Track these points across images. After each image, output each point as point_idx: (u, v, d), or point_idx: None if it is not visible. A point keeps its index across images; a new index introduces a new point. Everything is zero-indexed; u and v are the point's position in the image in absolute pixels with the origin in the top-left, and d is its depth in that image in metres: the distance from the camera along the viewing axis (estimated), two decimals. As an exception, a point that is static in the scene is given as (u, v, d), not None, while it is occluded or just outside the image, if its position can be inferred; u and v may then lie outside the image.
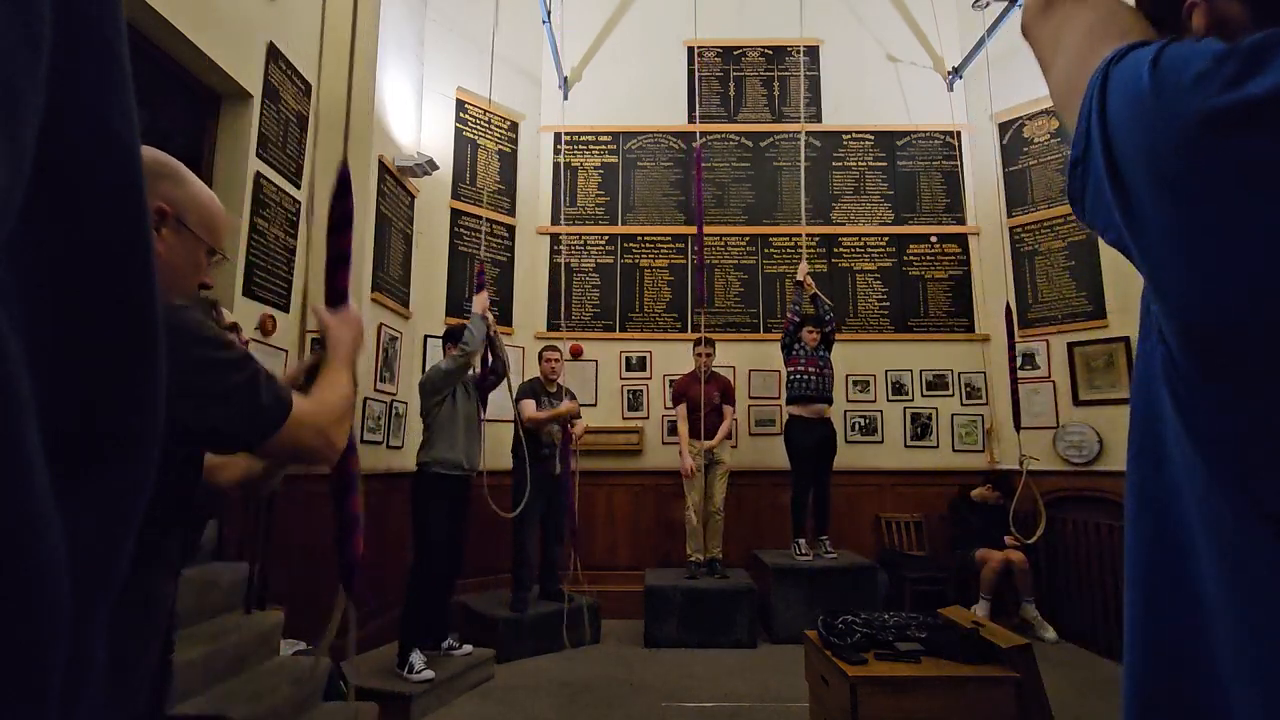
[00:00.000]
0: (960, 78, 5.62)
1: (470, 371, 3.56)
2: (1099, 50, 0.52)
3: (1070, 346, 4.72)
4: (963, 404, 5.26)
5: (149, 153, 0.90)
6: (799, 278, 4.60)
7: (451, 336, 3.63)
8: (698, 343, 4.51)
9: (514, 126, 5.48)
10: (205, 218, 0.95)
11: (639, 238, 5.55)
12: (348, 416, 0.97)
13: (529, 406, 4.09)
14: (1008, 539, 4.31)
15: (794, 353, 4.54)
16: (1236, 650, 0.45)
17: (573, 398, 4.26)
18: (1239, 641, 0.44)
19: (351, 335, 1.06)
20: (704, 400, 4.27)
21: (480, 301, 3.47)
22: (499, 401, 4.95)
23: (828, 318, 4.59)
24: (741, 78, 5.83)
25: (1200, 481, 0.47)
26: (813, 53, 5.81)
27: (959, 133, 5.63)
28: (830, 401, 4.53)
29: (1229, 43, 0.45)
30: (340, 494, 1.22)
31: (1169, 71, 0.44)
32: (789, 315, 4.63)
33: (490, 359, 3.65)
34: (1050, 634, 4.19)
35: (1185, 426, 0.47)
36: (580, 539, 4.45)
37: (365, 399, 3.95)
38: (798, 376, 4.48)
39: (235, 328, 1.79)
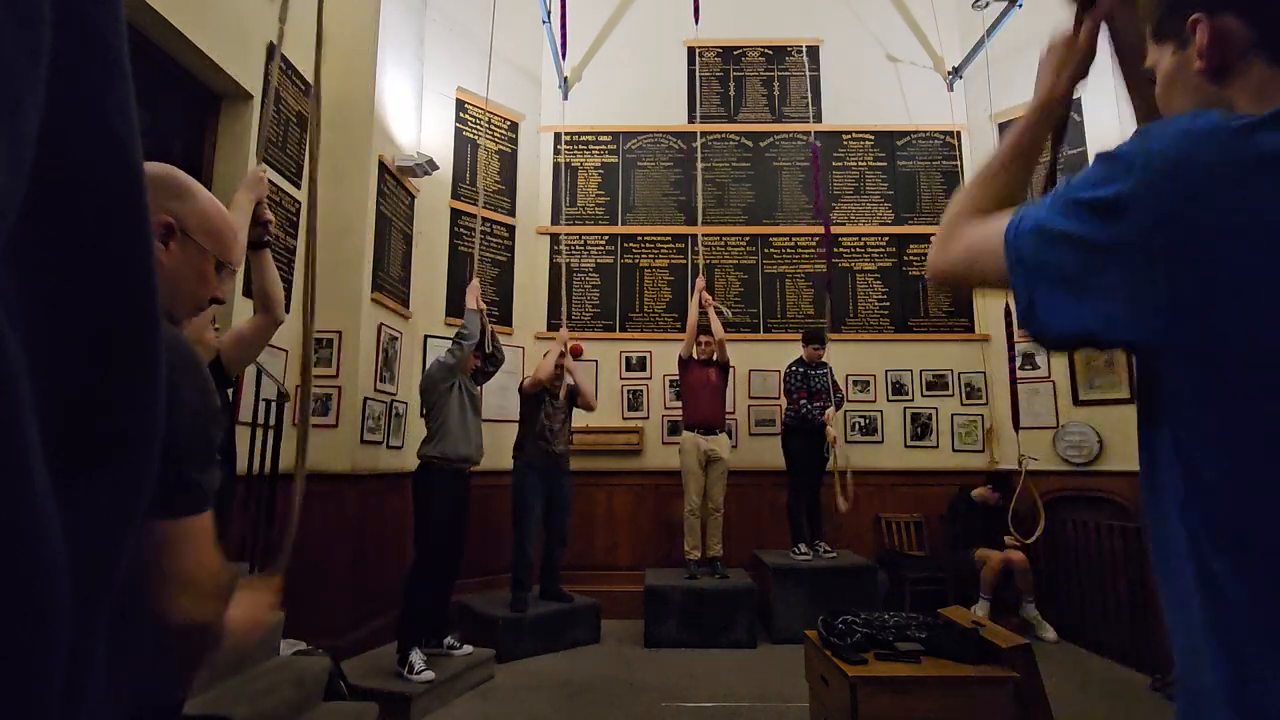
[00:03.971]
0: (960, 78, 5.62)
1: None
2: (992, 239, 0.63)
3: (1070, 346, 4.72)
4: (963, 404, 5.26)
5: (155, 167, 0.88)
6: (805, 357, 4.51)
7: (461, 338, 3.63)
8: (698, 335, 4.53)
9: (514, 126, 5.48)
10: (211, 230, 0.94)
11: (639, 238, 5.55)
12: (210, 605, 0.71)
13: (531, 377, 4.14)
14: (1007, 539, 4.31)
15: (797, 390, 4.54)
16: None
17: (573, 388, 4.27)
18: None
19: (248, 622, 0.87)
20: (706, 384, 4.29)
21: (472, 292, 3.48)
22: (499, 402, 4.95)
23: (839, 398, 4.56)
24: (741, 78, 5.82)
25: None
26: (813, 53, 5.81)
27: (959, 133, 5.63)
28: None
29: (1225, 61, 0.56)
30: None
31: (1087, 182, 0.56)
32: (797, 397, 4.52)
33: (485, 351, 3.69)
34: (1050, 634, 4.19)
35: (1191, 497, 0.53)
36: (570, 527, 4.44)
37: (365, 399, 3.95)
38: (803, 410, 4.47)
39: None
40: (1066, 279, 0.55)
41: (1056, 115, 0.79)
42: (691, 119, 5.70)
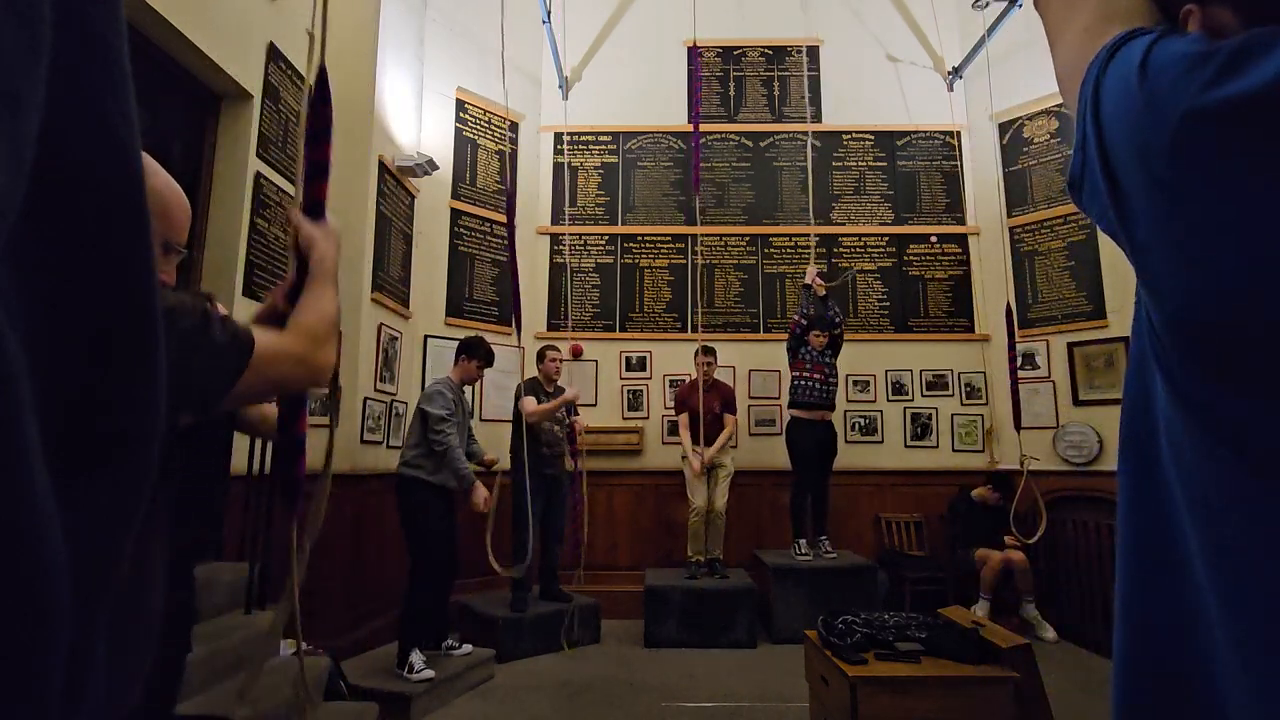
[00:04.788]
0: (960, 78, 5.62)
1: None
2: (1102, 34, 0.54)
3: (1070, 346, 4.73)
4: (963, 404, 5.26)
5: None
6: (807, 280, 4.52)
7: (467, 349, 3.61)
8: (699, 351, 4.50)
9: (514, 126, 5.48)
10: (159, 209, 0.91)
11: (639, 238, 5.55)
12: (333, 334, 0.93)
13: (530, 403, 4.08)
14: (1008, 539, 4.32)
15: (800, 357, 4.52)
16: (1221, 625, 0.46)
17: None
18: (1223, 616, 0.46)
19: (334, 250, 1.02)
20: (704, 409, 4.26)
21: (482, 498, 3.37)
22: (499, 402, 4.96)
23: (837, 320, 4.57)
24: (741, 78, 5.83)
25: (1188, 462, 0.48)
26: (813, 53, 5.81)
27: (959, 133, 5.63)
28: (833, 408, 4.53)
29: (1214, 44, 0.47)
30: (288, 417, 1.08)
31: (1155, 73, 0.46)
32: (795, 318, 4.58)
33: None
34: (1050, 634, 4.19)
35: (1180, 412, 0.49)
36: (582, 541, 4.45)
37: (365, 399, 3.95)
38: (803, 383, 4.47)
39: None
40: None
41: None
42: (692, 119, 5.70)
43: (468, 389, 3.80)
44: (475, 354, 3.60)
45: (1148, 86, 0.46)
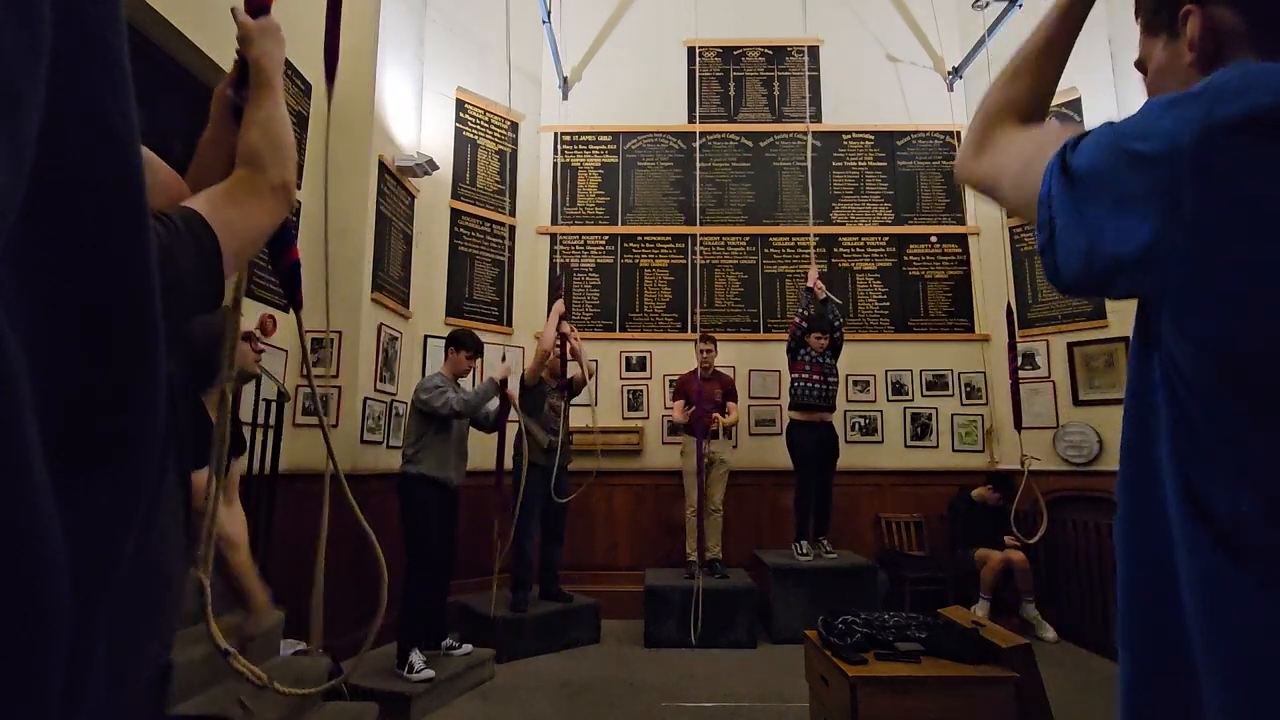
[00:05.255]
0: (960, 78, 5.62)
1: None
2: (1043, 154, 0.58)
3: (1070, 346, 4.72)
4: (963, 404, 5.25)
5: None
6: (809, 284, 4.53)
7: (455, 341, 3.63)
8: (698, 340, 4.52)
9: (514, 126, 5.48)
10: (165, 203, 0.88)
11: (639, 238, 5.55)
12: (282, 143, 0.85)
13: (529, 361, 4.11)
14: (1008, 539, 4.31)
15: (799, 358, 4.52)
16: (1203, 653, 0.50)
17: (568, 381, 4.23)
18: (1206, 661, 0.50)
19: (277, 48, 0.93)
20: (705, 398, 4.26)
21: (502, 370, 3.52)
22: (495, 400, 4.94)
23: (837, 323, 4.56)
24: (741, 78, 5.82)
25: (1182, 506, 0.51)
26: (813, 53, 5.81)
27: (959, 133, 5.62)
28: (833, 410, 4.53)
29: (1216, 52, 0.54)
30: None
31: (1133, 126, 0.51)
32: (795, 320, 4.58)
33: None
34: (1050, 634, 4.19)
35: (1179, 443, 0.51)
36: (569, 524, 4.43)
37: (365, 399, 3.95)
38: (802, 384, 4.46)
39: (249, 336, 1.80)
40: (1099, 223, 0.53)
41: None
42: (691, 119, 5.70)
43: (463, 382, 3.80)
44: (463, 345, 3.62)
45: (1129, 133, 0.51)
